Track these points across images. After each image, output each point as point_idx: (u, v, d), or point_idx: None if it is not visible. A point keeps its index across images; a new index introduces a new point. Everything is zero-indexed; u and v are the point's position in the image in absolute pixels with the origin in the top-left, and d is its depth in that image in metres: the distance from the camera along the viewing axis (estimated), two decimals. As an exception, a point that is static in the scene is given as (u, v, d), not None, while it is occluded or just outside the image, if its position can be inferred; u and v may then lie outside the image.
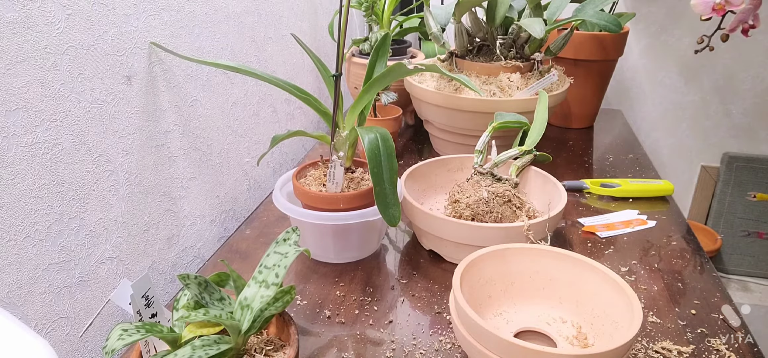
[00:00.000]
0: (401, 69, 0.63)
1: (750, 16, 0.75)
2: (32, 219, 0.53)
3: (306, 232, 0.73)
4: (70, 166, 0.56)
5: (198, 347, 0.43)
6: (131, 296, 0.45)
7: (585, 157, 1.10)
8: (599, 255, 0.77)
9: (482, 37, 1.04)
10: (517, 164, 0.82)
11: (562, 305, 0.61)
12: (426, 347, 0.60)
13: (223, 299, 0.50)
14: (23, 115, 0.51)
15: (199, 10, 0.76)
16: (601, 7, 1.01)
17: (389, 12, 1.17)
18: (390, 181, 0.64)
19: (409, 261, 0.76)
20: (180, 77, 0.73)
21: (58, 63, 0.54)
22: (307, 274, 0.73)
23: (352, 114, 0.72)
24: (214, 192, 0.83)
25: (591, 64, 1.18)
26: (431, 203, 0.84)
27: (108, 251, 0.62)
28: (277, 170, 1.06)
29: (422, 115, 1.08)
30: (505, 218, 0.72)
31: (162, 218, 0.71)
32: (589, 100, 1.25)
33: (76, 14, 0.55)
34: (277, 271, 0.47)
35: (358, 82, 1.22)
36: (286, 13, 1.04)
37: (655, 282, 0.70)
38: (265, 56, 0.97)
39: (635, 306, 0.52)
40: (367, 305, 0.66)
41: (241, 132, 0.90)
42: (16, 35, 0.49)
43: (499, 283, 0.62)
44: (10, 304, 0.51)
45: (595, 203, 0.92)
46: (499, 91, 0.96)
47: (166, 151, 0.71)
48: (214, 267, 0.75)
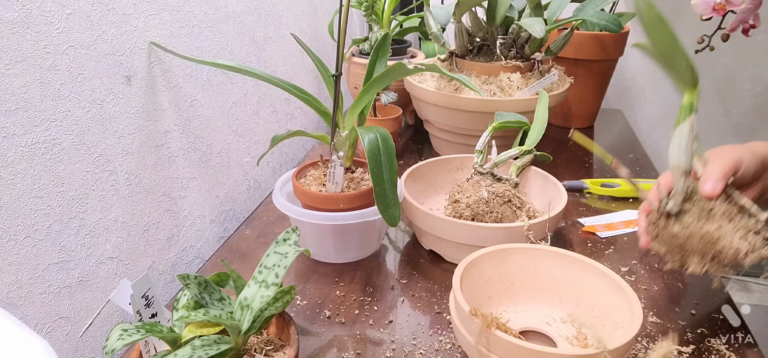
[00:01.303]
0: (401, 69, 0.63)
1: (750, 16, 0.75)
2: (32, 219, 0.53)
3: (306, 232, 0.73)
4: (70, 166, 0.56)
5: (198, 347, 0.43)
6: (131, 296, 0.45)
7: (585, 157, 1.10)
8: (599, 255, 0.76)
9: (482, 37, 1.03)
10: (517, 164, 0.82)
11: (563, 305, 0.61)
12: (426, 347, 0.60)
13: (223, 299, 0.50)
14: (23, 115, 0.51)
15: (199, 9, 0.76)
16: (602, 7, 1.01)
17: (389, 12, 1.17)
18: (390, 181, 0.64)
19: (409, 261, 0.76)
20: (180, 77, 0.73)
21: (58, 63, 0.54)
22: (307, 274, 0.72)
23: (352, 114, 0.72)
24: (214, 192, 0.83)
25: (591, 63, 1.18)
26: (431, 203, 0.84)
27: (108, 251, 0.62)
28: (277, 170, 1.06)
29: (422, 115, 1.08)
30: (505, 218, 0.72)
31: (162, 218, 0.71)
32: (589, 100, 1.25)
33: (75, 14, 0.55)
34: (277, 271, 0.47)
35: (358, 82, 1.22)
36: (285, 13, 1.04)
37: (655, 282, 0.70)
38: (264, 56, 0.97)
39: (635, 306, 0.52)
40: (367, 305, 0.66)
41: (241, 132, 0.90)
42: (15, 35, 0.49)
43: (499, 283, 0.61)
44: (10, 304, 0.51)
45: (595, 203, 0.92)
46: (499, 91, 0.96)
47: (165, 151, 0.71)
48: (214, 267, 0.75)
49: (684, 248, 0.55)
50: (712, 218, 0.54)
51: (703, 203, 0.54)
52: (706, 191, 0.54)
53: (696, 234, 0.53)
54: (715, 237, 0.53)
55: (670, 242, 0.56)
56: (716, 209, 0.54)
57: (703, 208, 0.54)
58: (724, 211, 0.53)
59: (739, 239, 0.52)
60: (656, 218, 0.57)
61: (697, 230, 0.53)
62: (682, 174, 0.55)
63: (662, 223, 0.56)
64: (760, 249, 0.52)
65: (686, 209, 0.55)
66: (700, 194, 0.54)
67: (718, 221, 0.53)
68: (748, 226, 0.53)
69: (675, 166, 0.55)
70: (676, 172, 0.55)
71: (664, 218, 0.56)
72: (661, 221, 0.56)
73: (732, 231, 0.52)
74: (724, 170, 0.54)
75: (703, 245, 0.53)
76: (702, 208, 0.54)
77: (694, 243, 0.54)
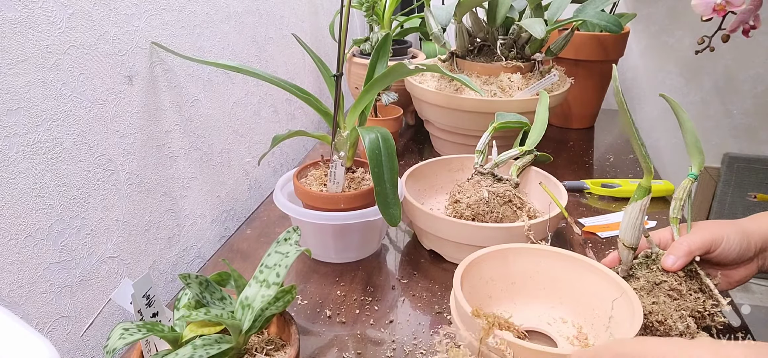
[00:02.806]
0: (402, 69, 0.63)
1: (751, 17, 0.75)
2: (33, 218, 0.53)
3: (307, 231, 0.73)
4: (72, 166, 0.56)
5: (199, 346, 0.43)
6: (132, 296, 0.45)
7: (585, 158, 1.10)
8: (600, 255, 0.76)
9: (483, 38, 1.04)
10: (517, 164, 0.82)
11: (563, 305, 0.61)
12: (426, 346, 0.60)
13: (224, 299, 0.50)
14: (25, 114, 0.51)
15: (200, 10, 0.76)
16: (602, 8, 1.01)
17: (390, 12, 1.17)
18: (391, 181, 0.64)
19: (410, 261, 0.76)
20: (181, 77, 0.73)
21: (60, 62, 0.54)
22: (307, 273, 0.73)
23: (353, 114, 0.72)
24: (215, 192, 0.83)
25: (592, 64, 1.18)
26: (432, 203, 0.84)
27: (109, 251, 0.62)
28: (278, 170, 1.06)
29: (423, 116, 1.08)
30: (505, 218, 0.72)
31: (163, 218, 0.71)
32: (589, 101, 1.25)
33: (77, 14, 0.55)
34: (278, 270, 0.47)
35: (359, 82, 1.22)
36: (287, 13, 1.04)
37: (656, 282, 0.70)
38: (265, 56, 0.97)
39: (636, 306, 0.52)
40: (368, 305, 0.67)
41: (242, 132, 0.90)
42: (17, 35, 0.49)
43: (500, 283, 0.62)
44: (11, 303, 0.51)
45: (595, 203, 0.92)
46: (499, 91, 0.97)
47: (167, 150, 0.71)
48: (215, 267, 0.75)
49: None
50: (653, 292, 0.55)
51: (657, 275, 0.56)
52: (664, 264, 0.55)
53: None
54: (647, 309, 0.54)
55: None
56: (665, 283, 0.55)
57: (651, 280, 0.56)
58: (673, 288, 0.54)
59: (676, 317, 0.53)
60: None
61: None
62: (626, 248, 0.57)
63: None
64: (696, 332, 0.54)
65: (638, 276, 0.57)
66: (661, 265, 0.56)
67: (660, 296, 0.54)
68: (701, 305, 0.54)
69: (622, 240, 0.58)
70: (622, 245, 0.58)
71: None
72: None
73: (670, 308, 0.54)
74: (690, 248, 0.54)
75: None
76: (651, 280, 0.56)
77: None
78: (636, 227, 0.56)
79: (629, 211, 0.57)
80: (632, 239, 0.57)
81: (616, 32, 0.99)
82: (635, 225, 0.56)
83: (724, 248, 0.55)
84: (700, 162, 0.59)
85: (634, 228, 0.56)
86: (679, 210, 0.59)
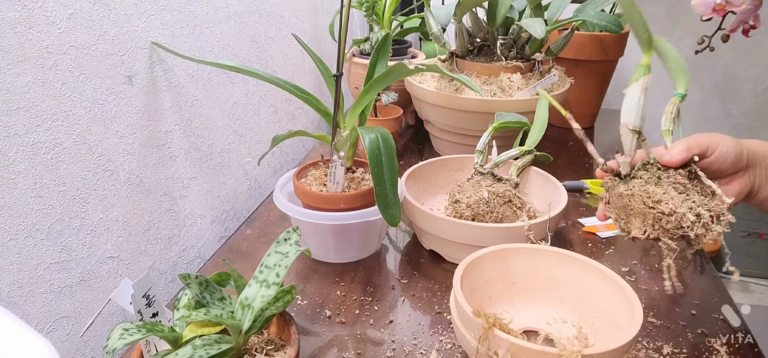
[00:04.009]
0: (402, 69, 0.63)
1: (751, 17, 0.75)
2: (33, 218, 0.53)
3: (307, 232, 0.73)
4: (71, 166, 0.56)
5: (199, 346, 0.43)
6: (132, 296, 0.45)
7: (585, 158, 1.10)
8: (600, 255, 0.77)
9: (483, 38, 1.04)
10: (517, 164, 0.82)
11: (563, 305, 0.61)
12: (426, 347, 0.60)
13: (223, 299, 0.50)
14: (24, 114, 0.51)
15: (200, 10, 0.76)
16: (602, 8, 1.01)
17: (390, 12, 1.17)
18: (390, 181, 0.64)
19: (410, 261, 0.76)
20: (181, 77, 0.73)
21: (60, 62, 0.54)
22: (307, 274, 0.73)
23: (353, 114, 0.72)
24: (215, 192, 0.83)
25: (591, 64, 1.18)
26: (432, 203, 0.84)
27: (109, 251, 0.62)
28: (278, 170, 1.06)
29: (423, 116, 1.08)
30: (505, 218, 0.72)
31: (163, 218, 0.71)
32: (589, 101, 1.25)
33: (77, 14, 0.55)
34: (278, 270, 0.47)
35: (359, 82, 1.22)
36: (286, 13, 1.04)
37: (655, 282, 0.70)
38: (265, 56, 0.97)
39: (635, 306, 0.52)
40: (368, 305, 0.66)
41: (242, 132, 0.90)
42: (17, 35, 0.49)
43: (500, 283, 0.62)
44: (11, 303, 0.51)
45: (595, 203, 0.92)
46: (499, 91, 0.97)
47: (166, 150, 0.71)
48: (215, 267, 0.75)
49: (627, 210, 0.53)
50: (660, 183, 0.52)
51: (658, 171, 0.53)
52: (664, 158, 0.53)
53: (638, 194, 0.52)
54: (656, 198, 0.51)
55: (616, 203, 0.54)
56: (670, 178, 0.52)
57: (655, 175, 0.53)
58: (678, 182, 0.52)
59: (684, 206, 0.50)
60: (609, 182, 0.55)
61: (640, 191, 0.52)
62: (630, 131, 0.54)
63: (612, 184, 0.55)
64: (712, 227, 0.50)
65: (640, 175, 0.54)
66: (660, 162, 0.53)
67: (666, 187, 0.52)
68: (707, 204, 0.51)
69: (624, 123, 0.54)
70: (624, 129, 0.54)
71: (615, 180, 0.55)
72: (612, 183, 0.55)
73: (678, 198, 0.50)
74: (688, 145, 0.53)
75: (645, 206, 0.51)
76: (654, 175, 0.53)
77: (637, 203, 0.52)
78: (639, 107, 0.53)
79: (631, 92, 0.53)
80: (636, 121, 0.53)
81: (616, 32, 0.99)
82: (638, 106, 0.53)
83: (720, 151, 0.53)
84: (685, 82, 0.55)
85: (637, 109, 0.53)
86: (670, 122, 0.56)
